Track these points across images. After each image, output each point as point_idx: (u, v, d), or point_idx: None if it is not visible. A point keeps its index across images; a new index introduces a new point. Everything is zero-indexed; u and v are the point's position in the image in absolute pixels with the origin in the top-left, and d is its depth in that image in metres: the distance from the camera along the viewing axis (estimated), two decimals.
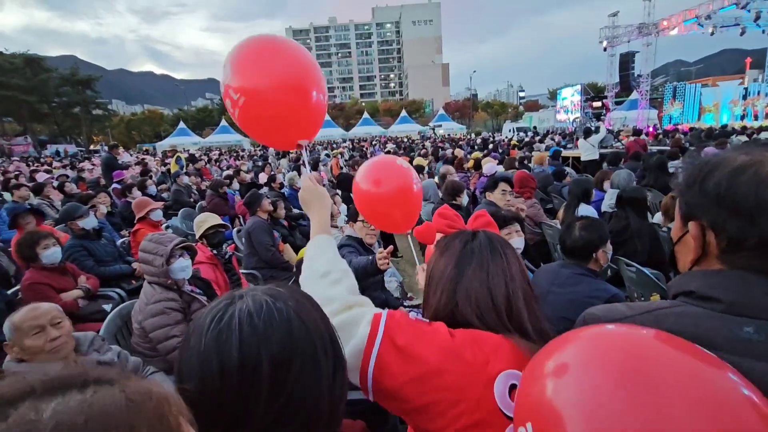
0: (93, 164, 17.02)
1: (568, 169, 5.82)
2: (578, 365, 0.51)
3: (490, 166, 5.79)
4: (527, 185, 4.07)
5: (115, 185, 8.07)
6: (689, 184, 0.70)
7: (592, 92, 16.57)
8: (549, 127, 26.35)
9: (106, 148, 39.66)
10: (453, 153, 10.14)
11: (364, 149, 18.17)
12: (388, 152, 14.11)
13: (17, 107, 42.25)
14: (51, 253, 2.95)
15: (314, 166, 9.09)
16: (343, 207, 4.30)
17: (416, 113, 56.14)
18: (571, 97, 16.99)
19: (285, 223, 4.68)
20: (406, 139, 28.33)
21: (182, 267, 2.21)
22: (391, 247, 2.30)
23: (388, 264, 2.19)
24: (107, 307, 3.11)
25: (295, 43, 1.34)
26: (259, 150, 24.04)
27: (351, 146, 22.24)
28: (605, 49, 23.12)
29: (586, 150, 8.41)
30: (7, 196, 7.62)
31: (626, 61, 22.63)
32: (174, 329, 2.13)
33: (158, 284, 2.19)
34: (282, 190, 6.17)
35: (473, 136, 31.72)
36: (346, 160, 13.54)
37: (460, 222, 0.97)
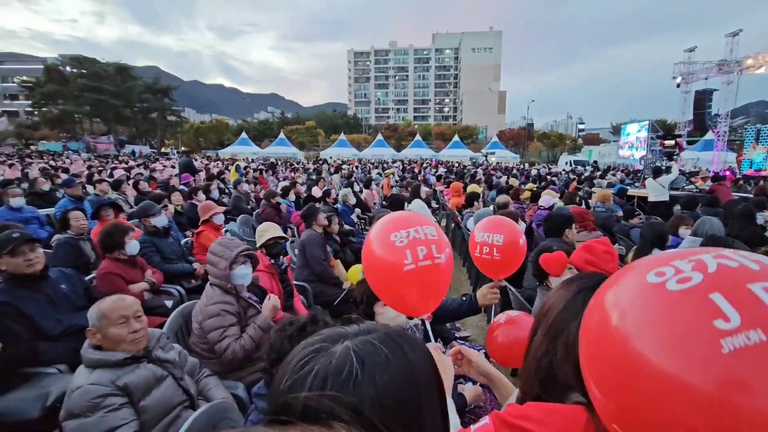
0: (164, 165, 18.38)
1: (638, 210, 5.44)
2: None
3: (548, 198, 5.54)
4: (586, 219, 3.86)
5: (182, 187, 8.63)
6: None
7: (662, 129, 15.57)
8: (610, 163, 25.12)
9: (175, 151, 42.95)
10: (507, 182, 9.89)
11: (415, 171, 18.23)
12: (439, 176, 14.04)
13: (105, 110, 46.99)
14: (134, 245, 3.19)
15: (367, 185, 9.22)
16: None
17: (469, 139, 55.81)
18: (637, 132, 16.06)
19: (338, 238, 4.72)
20: (457, 164, 28.16)
21: (242, 274, 2.28)
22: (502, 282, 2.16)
23: (497, 297, 1.97)
24: (168, 303, 3.27)
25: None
26: (313, 164, 24.89)
27: (402, 167, 22.42)
28: (679, 86, 21.85)
29: (655, 190, 7.86)
30: (90, 188, 8.41)
31: (702, 99, 21.20)
32: (228, 331, 2.18)
33: (219, 287, 2.26)
34: (335, 206, 6.27)
35: (527, 165, 30.91)
36: (396, 180, 13.64)
37: (609, 263, 0.82)
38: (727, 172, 16.22)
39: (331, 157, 34.43)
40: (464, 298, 2.09)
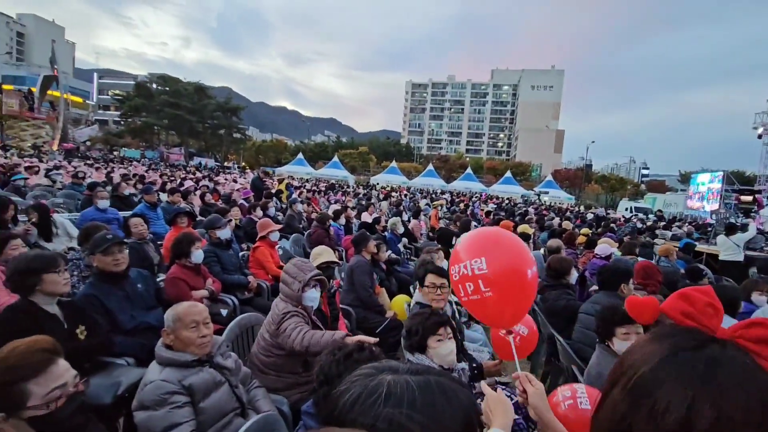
0: (225, 179, 19.65)
1: (706, 269, 5.06)
2: None
3: (605, 247, 5.30)
4: (652, 278, 3.63)
5: (242, 202, 9.19)
6: None
7: (738, 182, 14.41)
8: (677, 214, 23.44)
9: (236, 166, 45.72)
10: (560, 224, 9.56)
11: (465, 204, 18.10)
12: (488, 212, 13.85)
13: (181, 124, 51.49)
14: (199, 254, 3.46)
15: (415, 215, 9.30)
16: (445, 263, 4.28)
17: (521, 176, 54.65)
18: (709, 183, 14.99)
19: (384, 266, 4.80)
20: (507, 201, 27.60)
21: (313, 297, 2.43)
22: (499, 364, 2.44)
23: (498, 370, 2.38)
24: (224, 311, 3.48)
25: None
26: (363, 189, 25.48)
27: (450, 199, 22.35)
28: (760, 136, 20.29)
29: (728, 249, 7.26)
30: (162, 196, 9.20)
31: None
32: (299, 324, 2.29)
33: (290, 303, 2.40)
34: (384, 233, 6.39)
35: (582, 208, 29.62)
36: (444, 212, 13.62)
37: (711, 318, 0.66)
38: None
39: (378, 183, 35.05)
40: (466, 369, 2.25)
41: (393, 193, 19.86)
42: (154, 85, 53.91)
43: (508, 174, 42.11)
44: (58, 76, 34.80)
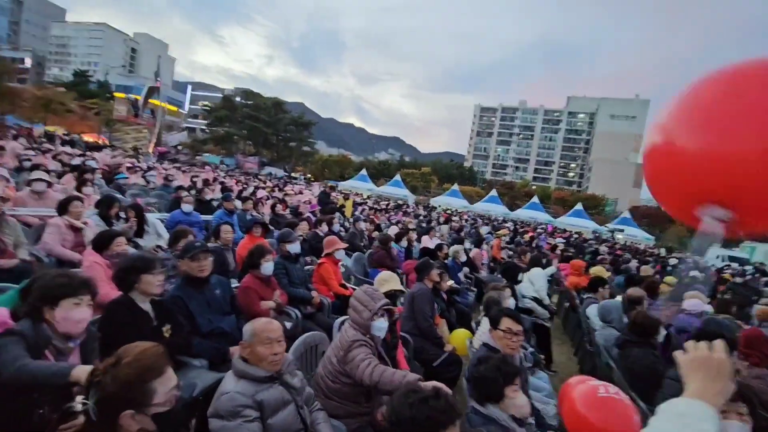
0: (293, 190, 20.65)
1: None
2: None
3: (696, 303, 4.74)
4: (759, 349, 3.16)
5: (308, 215, 9.57)
6: None
7: None
8: None
9: (302, 177, 48.00)
10: (638, 269, 8.77)
11: (530, 236, 17.32)
12: (555, 246, 13.11)
13: (257, 135, 55.61)
14: (269, 266, 3.63)
15: (477, 243, 9.06)
16: (512, 301, 4.09)
17: (594, 209, 51.31)
18: None
19: (445, 296, 4.70)
20: (576, 236, 25.98)
21: (381, 327, 2.44)
22: None
23: None
24: (288, 324, 3.60)
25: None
26: (423, 209, 25.41)
27: (513, 228, 21.53)
28: None
29: None
30: (237, 203, 9.87)
31: None
32: (368, 356, 2.30)
33: (359, 331, 2.42)
34: (445, 261, 6.28)
35: (662, 251, 26.96)
36: (507, 242, 13.13)
37: None
38: None
39: (440, 206, 34.75)
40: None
41: (454, 218, 19.58)
42: (238, 99, 58.93)
43: (579, 206, 39.49)
44: (160, 87, 39.33)
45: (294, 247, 4.38)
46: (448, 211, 26.82)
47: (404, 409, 1.38)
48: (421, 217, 17.17)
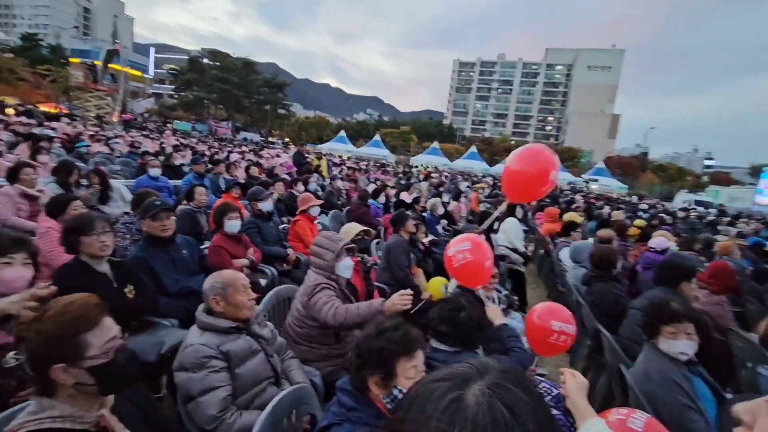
0: (269, 154, 20.13)
1: None
2: None
3: (662, 240, 4.90)
4: (723, 281, 3.31)
5: (285, 176, 9.36)
6: None
7: None
8: (743, 209, 21.49)
9: (280, 141, 46.80)
10: (609, 215, 9.01)
11: None
12: None
13: (229, 99, 53.14)
14: (232, 224, 3.53)
15: (456, 197, 9.09)
16: None
17: (570, 161, 52.08)
18: None
19: (422, 247, 4.72)
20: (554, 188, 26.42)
21: (347, 266, 2.44)
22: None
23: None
24: (263, 281, 3.56)
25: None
26: (403, 169, 25.28)
27: (492, 182, 21.72)
28: None
29: None
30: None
31: None
32: (331, 298, 2.31)
33: (322, 275, 2.40)
34: (423, 214, 6.29)
35: (635, 199, 27.84)
36: (486, 196, 13.25)
37: None
38: None
39: (421, 164, 34.63)
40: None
41: (433, 174, 19.54)
42: (206, 60, 55.64)
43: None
44: (119, 50, 36.70)
45: (265, 206, 4.28)
46: (428, 169, 26.76)
47: (363, 343, 1.41)
48: (400, 175, 17.07)
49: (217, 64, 53.47)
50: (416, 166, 31.63)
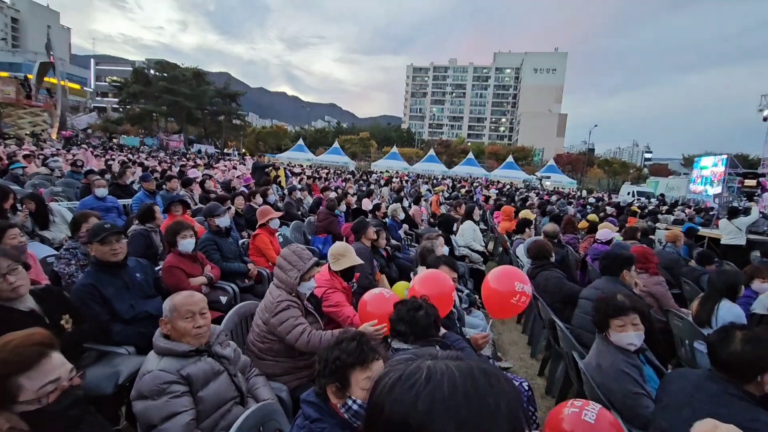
0: (225, 166, 19.56)
1: (716, 256, 5.03)
2: None
3: (606, 232, 5.27)
4: (650, 261, 3.61)
5: (243, 188, 9.15)
6: None
7: (742, 165, 14.27)
8: (679, 198, 23.31)
9: (236, 152, 45.49)
10: (561, 210, 9.50)
11: (466, 190, 18.00)
12: (488, 197, 13.79)
13: (179, 110, 51.03)
14: (187, 243, 3.40)
15: (416, 201, 9.26)
16: (445, 249, 4.26)
17: (523, 160, 54.31)
18: (712, 167, 14.83)
19: (384, 253, 4.79)
20: (509, 186, 27.47)
21: (310, 287, 2.44)
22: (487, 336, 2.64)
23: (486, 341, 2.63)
24: (223, 299, 3.48)
25: None
26: (362, 175, 25.37)
27: (451, 184, 22.25)
28: (765, 119, 20.00)
29: (730, 233, 7.22)
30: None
31: None
32: (300, 320, 2.31)
33: (284, 289, 2.39)
34: (384, 220, 6.36)
35: (584, 193, 29.48)
36: (446, 198, 13.56)
37: None
38: None
39: (384, 171, 34.87)
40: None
41: (394, 179, 19.75)
42: (152, 71, 53.21)
43: (510, 159, 41.89)
44: (54, 63, 34.40)
45: (223, 221, 4.18)
46: (387, 174, 27.01)
47: (323, 352, 1.46)
48: (361, 182, 17.13)
49: (165, 75, 51.25)
50: (376, 172, 31.83)
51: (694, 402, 1.57)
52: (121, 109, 54.88)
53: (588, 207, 15.02)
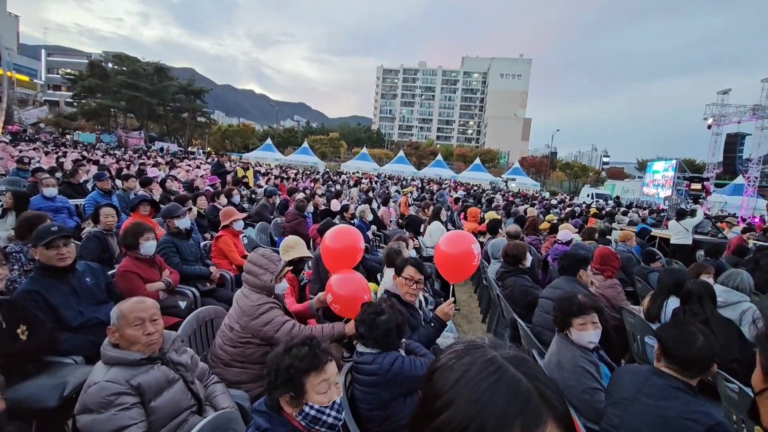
0: (189, 165, 18.86)
1: (659, 253, 5.32)
2: None
3: (566, 233, 5.48)
4: (610, 264, 3.78)
5: (208, 188, 8.85)
6: None
7: (689, 170, 15.26)
8: (634, 200, 24.66)
9: (201, 151, 44.04)
10: (525, 211, 9.80)
11: (434, 191, 18.23)
12: (457, 199, 14.02)
13: (140, 106, 48.83)
14: (149, 246, 3.25)
15: (385, 202, 9.28)
16: (414, 252, 4.28)
17: (490, 163, 55.65)
18: (663, 171, 15.76)
19: None
20: (476, 187, 28.07)
21: (284, 287, 2.43)
22: (452, 299, 2.66)
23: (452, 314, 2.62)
24: (182, 303, 3.34)
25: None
26: (332, 176, 25.19)
27: (420, 185, 22.48)
28: (710, 127, 21.46)
29: (678, 233, 7.69)
30: (118, 183, 8.70)
31: (733, 142, 20.71)
32: (284, 317, 2.31)
33: (259, 293, 2.33)
34: (352, 221, 6.33)
35: (547, 195, 30.56)
36: (414, 199, 13.68)
37: None
38: (756, 220, 15.72)
39: (354, 172, 34.75)
40: (432, 324, 2.56)
41: (364, 180, 19.72)
42: (110, 65, 50.57)
43: (478, 161, 42.84)
44: (0, 52, 32.07)
45: (183, 223, 4.02)
46: (357, 174, 26.96)
47: (272, 361, 1.42)
48: (330, 183, 17.00)
49: (124, 69, 48.84)
50: (346, 173, 31.72)
51: (641, 396, 1.65)
52: (75, 104, 51.78)
53: (552, 210, 15.59)
